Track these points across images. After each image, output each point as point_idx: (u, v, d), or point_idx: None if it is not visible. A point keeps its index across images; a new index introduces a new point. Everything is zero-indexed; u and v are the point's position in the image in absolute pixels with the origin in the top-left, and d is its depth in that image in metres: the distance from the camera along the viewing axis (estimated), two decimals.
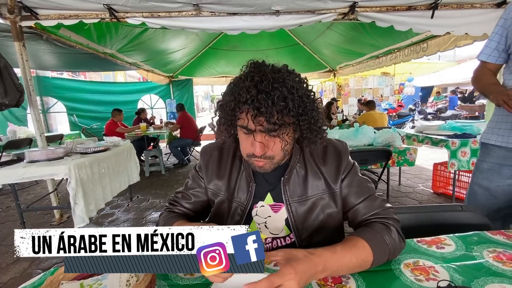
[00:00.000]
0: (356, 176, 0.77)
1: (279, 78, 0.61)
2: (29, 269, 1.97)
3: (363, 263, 0.60)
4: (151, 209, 3.02)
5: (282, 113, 0.60)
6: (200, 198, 0.83)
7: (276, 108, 0.58)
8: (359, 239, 0.62)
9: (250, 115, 0.60)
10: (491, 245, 0.71)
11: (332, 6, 2.44)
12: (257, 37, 3.76)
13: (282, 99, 0.59)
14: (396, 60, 4.42)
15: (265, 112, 0.58)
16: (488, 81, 1.14)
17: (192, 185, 0.84)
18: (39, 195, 3.64)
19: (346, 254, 0.58)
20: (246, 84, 0.60)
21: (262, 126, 0.61)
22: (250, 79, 0.61)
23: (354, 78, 9.40)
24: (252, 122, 0.61)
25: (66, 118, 6.55)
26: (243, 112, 0.62)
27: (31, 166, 1.98)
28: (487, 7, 2.44)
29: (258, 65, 0.65)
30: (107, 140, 2.92)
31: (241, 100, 0.60)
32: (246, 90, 0.59)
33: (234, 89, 0.63)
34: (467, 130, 2.68)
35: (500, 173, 1.16)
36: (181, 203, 0.83)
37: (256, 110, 0.59)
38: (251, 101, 0.59)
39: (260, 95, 0.58)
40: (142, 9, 2.38)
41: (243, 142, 0.68)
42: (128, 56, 4.41)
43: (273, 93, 0.58)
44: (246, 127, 0.63)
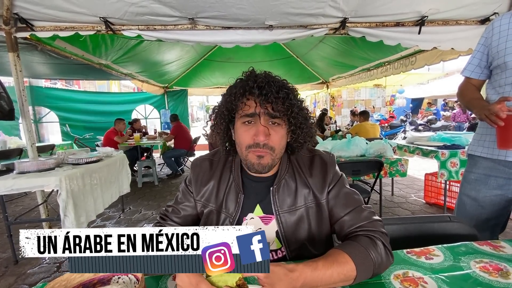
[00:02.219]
0: (343, 188, 0.78)
1: (278, 80, 0.72)
2: (15, 284, 1.90)
3: (346, 278, 0.59)
4: (143, 220, 2.97)
5: (285, 101, 0.68)
6: (189, 212, 0.83)
7: (280, 95, 0.67)
8: (341, 253, 0.61)
9: (257, 100, 0.67)
10: (478, 255, 0.73)
11: (323, 22, 2.52)
12: (252, 49, 3.83)
13: (285, 91, 0.69)
14: (386, 72, 4.54)
15: (271, 97, 0.66)
16: (472, 96, 1.19)
17: (181, 200, 0.84)
18: (27, 207, 3.54)
19: (327, 270, 0.57)
20: (251, 77, 0.70)
21: (267, 109, 0.67)
22: (253, 76, 0.70)
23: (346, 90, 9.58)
24: (259, 105, 0.68)
25: (59, 128, 6.48)
26: (249, 99, 0.69)
27: (21, 177, 1.94)
28: (471, 24, 2.56)
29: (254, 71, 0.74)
30: (99, 151, 2.89)
31: (250, 88, 0.68)
32: (254, 79, 0.68)
33: (238, 84, 0.71)
34: (456, 141, 2.75)
35: (487, 183, 1.19)
36: (171, 218, 0.83)
37: (263, 95, 0.66)
38: (258, 87, 0.67)
39: (266, 84, 0.67)
40: (138, 22, 2.42)
41: (244, 134, 0.71)
42: (123, 67, 4.43)
43: (276, 84, 0.68)
44: (251, 114, 0.69)
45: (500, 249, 0.76)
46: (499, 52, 1.08)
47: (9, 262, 2.16)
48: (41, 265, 2.13)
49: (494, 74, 1.15)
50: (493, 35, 1.11)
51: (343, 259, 0.60)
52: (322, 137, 4.06)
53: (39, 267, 2.10)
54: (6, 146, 3.96)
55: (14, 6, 2.18)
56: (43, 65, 3.88)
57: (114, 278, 0.62)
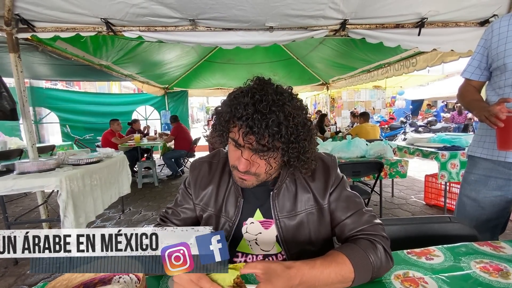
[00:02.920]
0: (344, 190, 0.77)
1: (279, 101, 0.60)
2: (15, 284, 1.90)
3: (343, 279, 0.59)
4: (143, 221, 2.97)
5: (273, 137, 0.59)
6: (188, 215, 0.82)
7: (268, 131, 0.58)
8: (340, 254, 0.61)
9: (242, 131, 0.61)
10: (478, 256, 0.73)
11: (323, 23, 2.53)
12: (252, 51, 3.85)
13: (277, 124, 0.59)
14: (387, 74, 4.55)
15: (257, 133, 0.58)
16: (471, 98, 1.19)
17: (181, 202, 0.84)
18: (27, 208, 3.54)
19: (325, 270, 0.57)
20: (245, 100, 0.60)
21: (251, 144, 0.61)
22: (250, 96, 0.60)
23: (346, 91, 9.61)
24: (242, 138, 0.61)
25: (59, 129, 6.48)
26: (236, 127, 0.63)
27: (21, 177, 1.95)
28: (471, 25, 2.56)
29: (263, 82, 0.65)
30: (100, 151, 2.89)
31: (236, 115, 0.60)
32: (244, 106, 0.59)
33: (233, 101, 0.63)
34: (456, 143, 2.75)
35: (486, 184, 1.19)
36: (171, 220, 0.83)
37: (248, 128, 0.59)
38: (245, 118, 0.59)
39: (256, 115, 0.58)
40: (139, 23, 2.43)
41: (231, 153, 0.69)
42: (124, 68, 4.44)
43: (269, 116, 0.58)
44: (236, 141, 0.64)
45: (500, 249, 0.76)
46: (499, 54, 1.08)
47: (9, 263, 2.16)
48: None
49: (494, 75, 1.15)
50: (493, 37, 1.11)
51: (341, 260, 0.60)
52: (322, 138, 4.07)
53: None
54: (7, 147, 3.96)
55: (16, 7, 2.18)
56: (44, 66, 3.89)
57: (115, 278, 0.63)
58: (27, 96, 2.51)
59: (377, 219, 0.72)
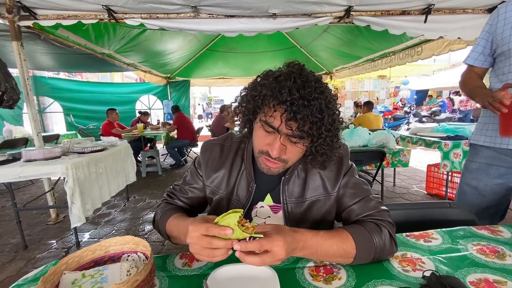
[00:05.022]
0: (353, 177, 0.77)
1: (320, 88, 0.60)
2: (25, 268, 1.97)
3: (345, 253, 0.61)
4: (148, 209, 3.03)
5: (316, 125, 0.59)
6: (196, 194, 0.83)
7: (311, 118, 0.58)
8: (344, 231, 0.64)
9: (284, 116, 0.59)
10: (476, 239, 0.75)
11: (328, 10, 2.48)
12: (255, 39, 3.81)
13: (319, 111, 0.58)
14: (391, 63, 4.49)
15: (300, 119, 0.57)
16: (474, 84, 1.18)
17: (190, 181, 0.84)
18: (34, 195, 3.62)
19: (327, 240, 0.60)
20: (288, 84, 0.58)
21: (292, 130, 0.60)
22: (292, 81, 0.59)
23: (350, 81, 9.48)
24: (284, 124, 0.60)
25: (62, 118, 6.52)
26: (277, 111, 0.60)
27: (28, 165, 1.98)
28: (478, 12, 2.51)
29: (300, 67, 0.64)
30: (104, 140, 2.92)
31: (281, 99, 0.58)
32: (289, 90, 0.58)
33: (273, 84, 0.60)
34: (460, 132, 2.74)
35: (488, 172, 1.20)
36: (178, 197, 0.84)
37: (292, 113, 0.57)
38: (290, 103, 0.57)
39: (301, 101, 0.57)
40: (141, 10, 2.40)
41: (260, 138, 0.66)
42: (126, 57, 4.42)
43: (313, 103, 0.57)
44: (273, 126, 0.61)
45: (498, 233, 0.78)
46: (504, 39, 1.07)
47: (19, 247, 2.23)
48: (49, 250, 2.20)
49: (498, 61, 1.14)
50: (498, 21, 1.09)
51: (345, 236, 0.62)
52: None
53: (47, 252, 2.17)
54: (12, 136, 4.01)
55: None
56: (46, 56, 3.88)
57: (124, 256, 0.65)
58: (31, 85, 2.52)
59: (384, 206, 0.73)
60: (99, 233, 2.51)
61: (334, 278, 0.61)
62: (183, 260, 0.69)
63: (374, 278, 0.60)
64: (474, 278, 0.58)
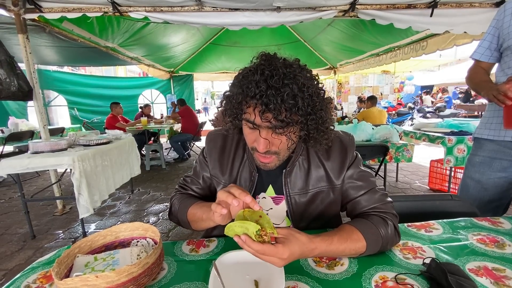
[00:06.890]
0: (358, 168, 0.77)
1: (290, 74, 0.58)
2: (33, 257, 2.02)
3: (355, 253, 0.63)
4: (152, 201, 3.07)
5: (291, 111, 0.58)
6: (207, 183, 0.85)
7: (285, 105, 0.57)
8: (355, 230, 0.63)
9: (257, 110, 0.59)
10: (477, 229, 0.76)
11: (332, 3, 2.46)
12: (258, 33, 3.78)
13: (292, 96, 0.57)
14: (396, 58, 4.44)
15: (273, 109, 0.56)
16: (480, 79, 1.18)
17: (200, 171, 0.85)
18: (41, 187, 3.68)
19: (341, 246, 0.60)
20: (256, 78, 0.58)
21: (269, 122, 0.59)
22: (260, 73, 0.58)
23: (354, 76, 9.41)
24: (259, 117, 0.59)
25: (67, 112, 6.57)
26: (250, 107, 0.61)
27: (36, 156, 2.02)
28: (486, 6, 2.47)
29: (269, 57, 0.62)
30: (109, 133, 2.95)
31: (249, 94, 0.58)
32: (255, 84, 0.57)
33: (242, 81, 0.60)
34: (464, 128, 2.73)
35: (491, 166, 1.21)
36: (191, 188, 0.85)
37: (264, 106, 0.57)
38: (259, 96, 0.57)
39: (270, 91, 0.56)
40: (145, 3, 2.40)
41: (248, 135, 0.67)
42: (130, 51, 4.42)
43: (283, 90, 0.56)
44: (252, 122, 0.62)
45: (498, 224, 0.79)
46: (510, 34, 1.06)
47: (27, 237, 2.28)
48: (57, 240, 2.25)
49: (504, 56, 1.13)
50: (505, 16, 1.09)
51: (357, 237, 0.62)
52: None
53: (55, 242, 2.22)
54: (18, 128, 4.06)
55: None
56: (51, 49, 3.90)
57: (133, 241, 0.68)
58: (37, 77, 2.55)
59: (388, 198, 0.74)
60: (105, 224, 2.56)
61: (336, 264, 0.63)
62: (190, 246, 0.72)
63: (375, 264, 0.62)
64: (473, 266, 0.60)
